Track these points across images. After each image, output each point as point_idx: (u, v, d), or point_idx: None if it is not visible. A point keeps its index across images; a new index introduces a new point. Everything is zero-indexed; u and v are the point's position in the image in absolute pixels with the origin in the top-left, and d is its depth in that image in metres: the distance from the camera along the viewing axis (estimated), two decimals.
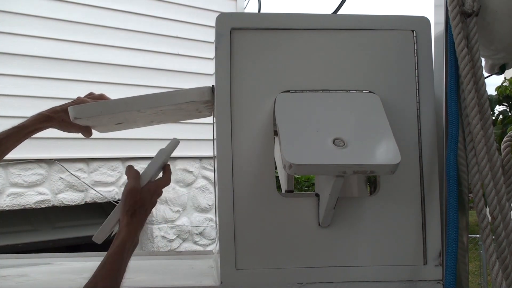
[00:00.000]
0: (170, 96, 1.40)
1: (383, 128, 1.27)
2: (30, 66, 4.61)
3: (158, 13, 5.44)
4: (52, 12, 4.76)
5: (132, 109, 1.39)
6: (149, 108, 1.40)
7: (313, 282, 1.32)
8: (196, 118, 1.66)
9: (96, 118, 1.42)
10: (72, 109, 1.40)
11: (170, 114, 1.54)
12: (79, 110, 1.40)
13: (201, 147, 5.33)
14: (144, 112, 1.42)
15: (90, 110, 1.40)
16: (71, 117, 1.40)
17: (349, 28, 1.40)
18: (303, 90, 1.37)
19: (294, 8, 70.59)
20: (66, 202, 4.80)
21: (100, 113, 1.39)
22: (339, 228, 1.35)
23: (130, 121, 1.51)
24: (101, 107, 1.41)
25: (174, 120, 1.68)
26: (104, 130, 1.60)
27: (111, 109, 1.40)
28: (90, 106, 1.42)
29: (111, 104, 1.42)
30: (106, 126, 1.55)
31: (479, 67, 1.32)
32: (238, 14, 4.13)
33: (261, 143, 1.35)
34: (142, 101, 1.39)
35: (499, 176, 1.31)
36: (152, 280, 1.54)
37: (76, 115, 1.40)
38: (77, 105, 1.43)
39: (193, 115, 1.60)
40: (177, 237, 5.49)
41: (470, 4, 1.32)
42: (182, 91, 1.40)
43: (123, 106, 1.40)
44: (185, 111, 1.51)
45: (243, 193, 1.33)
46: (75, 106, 1.42)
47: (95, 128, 1.54)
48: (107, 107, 1.41)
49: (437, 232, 1.37)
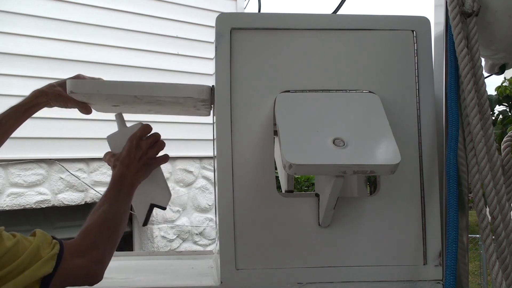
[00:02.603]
0: (168, 88, 1.39)
1: (383, 128, 1.27)
2: (30, 66, 4.60)
3: (158, 13, 5.44)
4: (52, 12, 4.76)
5: (128, 94, 1.39)
6: (145, 95, 1.39)
7: (313, 282, 1.32)
8: (193, 115, 1.66)
9: (92, 96, 1.42)
10: (70, 82, 1.41)
11: (168, 106, 1.53)
12: (76, 84, 1.40)
13: (201, 147, 5.33)
14: (141, 99, 1.41)
15: (87, 87, 1.40)
16: (68, 90, 1.40)
17: (349, 28, 1.40)
18: (303, 90, 1.37)
19: (294, 8, 70.57)
20: (66, 202, 4.80)
21: (97, 92, 1.39)
22: (339, 228, 1.35)
23: (127, 105, 1.51)
24: (98, 86, 1.41)
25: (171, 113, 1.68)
26: (102, 110, 1.60)
27: (108, 90, 1.40)
28: (87, 83, 1.43)
29: (109, 85, 1.42)
30: (102, 106, 1.54)
31: (479, 67, 1.32)
32: (238, 14, 4.13)
33: (261, 143, 1.35)
34: (139, 87, 1.39)
35: (499, 176, 1.31)
36: (152, 280, 1.54)
37: (72, 89, 1.40)
38: (75, 79, 1.43)
39: (190, 111, 1.60)
40: (177, 237, 5.49)
41: (470, 4, 1.32)
42: (181, 85, 1.40)
43: (120, 89, 1.40)
44: (182, 105, 1.51)
45: (243, 193, 1.33)
46: (73, 80, 1.42)
47: (92, 106, 1.53)
48: (104, 87, 1.41)
49: (437, 232, 1.37)
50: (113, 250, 1.21)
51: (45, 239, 1.08)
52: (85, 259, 1.12)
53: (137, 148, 1.36)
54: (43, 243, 1.06)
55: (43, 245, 1.06)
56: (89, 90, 1.40)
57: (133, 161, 1.34)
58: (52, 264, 1.05)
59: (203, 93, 1.38)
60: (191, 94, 1.38)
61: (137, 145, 1.37)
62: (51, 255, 1.05)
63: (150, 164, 1.39)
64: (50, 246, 1.07)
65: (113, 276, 1.49)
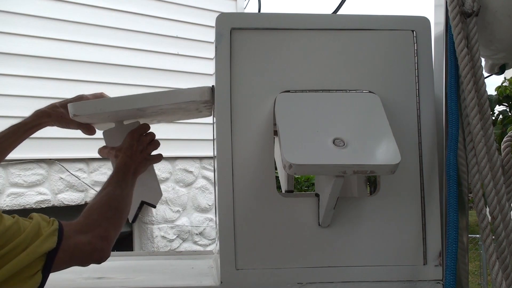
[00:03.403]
0: (170, 95, 1.40)
1: (383, 128, 1.27)
2: (30, 66, 4.61)
3: (158, 13, 5.44)
4: (52, 12, 4.76)
5: (131, 107, 1.39)
6: (148, 106, 1.39)
7: (313, 282, 1.32)
8: (196, 118, 1.66)
9: (95, 115, 1.41)
10: (71, 106, 1.40)
11: (170, 113, 1.54)
12: (78, 107, 1.40)
13: (201, 147, 5.34)
14: (144, 111, 1.42)
15: (90, 107, 1.40)
16: (70, 114, 1.40)
17: (349, 28, 1.40)
18: (303, 90, 1.37)
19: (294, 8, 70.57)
20: (66, 202, 4.81)
21: (100, 111, 1.39)
22: (339, 228, 1.35)
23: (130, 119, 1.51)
24: (100, 104, 1.40)
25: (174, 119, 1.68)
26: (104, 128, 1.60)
27: (111, 107, 1.40)
28: (89, 103, 1.41)
29: (111, 102, 1.41)
30: (106, 123, 1.54)
31: (479, 67, 1.32)
32: (238, 14, 4.13)
33: (261, 143, 1.35)
34: (141, 99, 1.39)
35: (499, 176, 1.31)
36: (152, 280, 1.54)
37: (75, 112, 1.39)
38: (76, 102, 1.42)
39: (193, 114, 1.60)
40: (177, 237, 5.49)
41: (470, 4, 1.32)
42: (182, 90, 1.39)
43: (122, 104, 1.39)
44: (185, 110, 1.51)
45: (243, 193, 1.33)
46: (74, 103, 1.41)
47: (95, 125, 1.53)
48: (106, 105, 1.40)
49: (437, 232, 1.37)
50: (117, 229, 1.22)
51: (43, 218, 1.10)
52: (88, 236, 1.14)
53: (138, 141, 1.42)
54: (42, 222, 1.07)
55: (42, 224, 1.07)
56: (92, 110, 1.39)
57: (136, 153, 1.40)
58: (54, 240, 1.06)
59: (204, 95, 1.37)
60: (194, 97, 1.38)
61: (139, 139, 1.42)
62: (52, 230, 1.06)
63: (148, 160, 1.44)
64: (49, 224, 1.08)
65: (113, 276, 1.49)
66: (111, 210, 1.22)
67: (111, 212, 1.22)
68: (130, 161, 1.37)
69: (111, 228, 1.20)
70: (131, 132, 1.43)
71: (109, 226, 1.19)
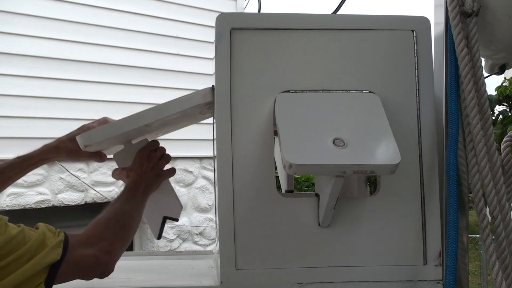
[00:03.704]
0: (174, 105, 1.38)
1: (383, 128, 1.27)
2: (30, 66, 4.60)
3: (158, 13, 5.44)
4: (52, 12, 4.76)
5: (139, 125, 1.37)
6: (155, 120, 1.37)
7: (313, 282, 1.32)
8: (200, 121, 1.64)
9: (105, 141, 1.40)
10: (80, 137, 1.38)
11: (176, 122, 1.52)
12: (87, 137, 1.38)
13: (201, 147, 5.33)
14: (151, 126, 1.40)
15: (98, 135, 1.38)
16: (81, 145, 1.39)
17: (349, 28, 1.40)
18: (303, 90, 1.37)
19: (294, 8, 70.55)
20: (66, 202, 4.80)
21: (109, 135, 1.37)
22: (339, 228, 1.34)
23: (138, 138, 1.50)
24: (108, 130, 1.39)
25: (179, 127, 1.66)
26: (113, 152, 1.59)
27: (119, 130, 1.38)
28: (97, 131, 1.39)
29: (118, 125, 1.39)
30: (115, 147, 1.53)
31: (479, 67, 1.32)
32: (238, 14, 4.13)
33: (261, 143, 1.35)
34: (147, 115, 1.37)
35: (499, 176, 1.31)
36: (152, 280, 1.54)
37: (85, 143, 1.38)
38: (84, 132, 1.41)
39: (196, 118, 1.59)
40: (177, 237, 5.49)
41: (470, 4, 1.32)
42: (184, 97, 1.38)
43: (129, 124, 1.37)
44: (189, 116, 1.50)
45: (243, 193, 1.33)
46: (82, 134, 1.39)
47: (104, 151, 1.52)
48: (114, 129, 1.39)
49: (437, 232, 1.37)
50: (123, 244, 1.21)
51: (49, 228, 1.09)
52: (93, 249, 1.13)
53: (148, 159, 1.41)
54: (47, 232, 1.07)
55: (48, 234, 1.06)
56: (101, 137, 1.38)
57: (146, 170, 1.39)
58: (59, 251, 1.05)
59: (207, 96, 1.37)
60: (198, 101, 1.37)
61: (148, 156, 1.41)
62: (57, 242, 1.06)
63: (160, 175, 1.43)
64: (55, 235, 1.08)
65: (113, 276, 1.48)
66: (118, 225, 1.21)
67: (118, 226, 1.21)
68: (141, 179, 1.37)
69: (117, 242, 1.19)
70: (140, 150, 1.43)
71: (114, 241, 1.18)
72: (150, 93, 5.24)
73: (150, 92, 5.24)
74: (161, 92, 5.30)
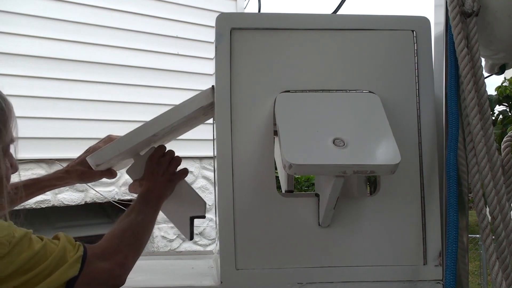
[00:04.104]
0: (178, 110, 1.38)
1: (383, 128, 1.27)
2: (30, 66, 4.60)
3: (158, 13, 5.44)
4: (52, 12, 4.76)
5: (147, 136, 1.37)
6: (162, 128, 1.37)
7: (313, 282, 1.32)
8: (203, 122, 1.64)
9: (115, 158, 1.40)
10: (91, 158, 1.39)
11: (180, 127, 1.52)
12: (97, 156, 1.39)
13: (201, 147, 5.33)
14: (158, 134, 1.40)
15: (108, 153, 1.39)
16: (93, 165, 1.40)
17: (349, 28, 1.40)
18: (303, 90, 1.37)
19: (294, 8, 70.50)
20: (66, 202, 4.80)
21: (118, 151, 1.37)
22: (339, 228, 1.35)
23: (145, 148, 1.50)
24: (117, 146, 1.38)
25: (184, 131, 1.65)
26: (123, 166, 1.59)
27: (128, 144, 1.38)
28: (106, 150, 1.40)
29: (126, 139, 1.39)
30: (124, 161, 1.53)
31: (479, 67, 1.32)
32: (238, 14, 4.13)
33: (261, 143, 1.35)
34: (153, 125, 1.37)
35: (499, 176, 1.31)
36: (152, 280, 1.54)
37: (96, 162, 1.39)
38: (94, 153, 1.41)
39: (200, 120, 1.58)
40: (177, 237, 5.49)
41: (470, 4, 1.32)
42: (187, 100, 1.38)
43: (137, 137, 1.37)
44: (193, 119, 1.49)
45: (243, 193, 1.33)
46: (92, 154, 1.40)
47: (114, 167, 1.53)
48: (123, 144, 1.38)
49: (437, 232, 1.37)
50: (136, 256, 1.23)
51: (69, 240, 1.10)
52: (108, 262, 1.14)
53: (158, 165, 1.42)
54: (68, 245, 1.08)
55: (68, 248, 1.08)
56: (111, 154, 1.38)
57: (157, 177, 1.40)
58: (77, 267, 1.07)
59: (209, 97, 1.37)
60: (201, 103, 1.37)
61: (158, 162, 1.42)
62: (77, 258, 1.07)
63: (173, 179, 1.44)
64: (75, 249, 1.09)
65: None
66: (133, 237, 1.23)
67: (132, 238, 1.23)
68: (153, 186, 1.38)
69: (131, 255, 1.21)
70: (149, 158, 1.43)
71: (129, 253, 1.20)
72: (150, 93, 5.24)
73: (150, 92, 5.24)
74: (161, 92, 5.30)
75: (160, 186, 1.39)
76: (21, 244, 1.00)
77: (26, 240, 1.02)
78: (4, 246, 0.98)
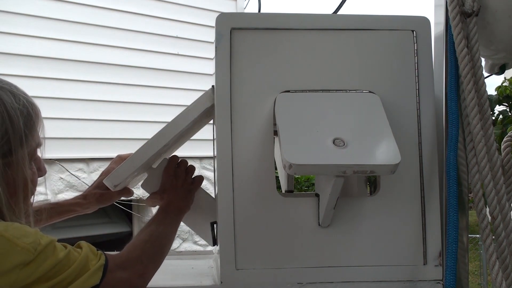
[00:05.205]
0: (185, 116, 1.37)
1: (383, 128, 1.27)
2: (30, 66, 4.60)
3: (158, 13, 5.44)
4: (52, 12, 4.76)
5: (159, 147, 1.36)
6: (173, 137, 1.37)
7: (313, 282, 1.32)
8: (207, 123, 1.63)
9: (131, 175, 1.40)
10: (108, 180, 1.39)
11: (188, 132, 1.51)
12: (114, 177, 1.38)
13: (201, 147, 5.33)
14: (168, 144, 1.40)
15: (124, 172, 1.38)
16: (111, 186, 1.39)
17: (349, 28, 1.40)
18: (303, 90, 1.37)
19: (294, 8, 70.56)
20: None
21: (134, 168, 1.37)
22: (339, 228, 1.35)
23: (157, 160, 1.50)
24: (132, 162, 1.37)
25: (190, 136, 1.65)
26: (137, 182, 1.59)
27: (142, 159, 1.37)
28: (121, 169, 1.39)
29: (139, 155, 1.38)
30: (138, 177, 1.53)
31: (479, 67, 1.32)
32: (238, 14, 4.13)
33: (261, 143, 1.35)
34: (163, 135, 1.37)
35: (499, 176, 1.31)
36: (152, 280, 1.54)
37: (114, 183, 1.38)
38: (110, 174, 1.40)
39: (204, 122, 1.57)
40: (177, 237, 5.49)
41: (470, 4, 1.32)
42: (191, 105, 1.38)
43: (149, 150, 1.36)
44: (198, 122, 1.49)
45: (243, 193, 1.33)
46: (108, 176, 1.40)
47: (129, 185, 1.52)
48: (137, 160, 1.37)
49: (437, 232, 1.37)
50: (156, 267, 1.24)
51: (91, 249, 1.11)
52: (128, 272, 1.15)
53: (175, 177, 1.42)
54: (90, 254, 1.09)
55: (90, 257, 1.09)
56: (127, 173, 1.37)
57: (177, 189, 1.40)
58: (99, 275, 1.08)
59: (211, 97, 1.37)
60: (206, 105, 1.37)
61: (175, 174, 1.43)
62: (98, 266, 1.08)
63: (192, 189, 1.45)
64: (97, 258, 1.10)
65: None
66: (154, 247, 1.24)
67: (153, 248, 1.24)
68: (173, 198, 1.38)
69: (151, 266, 1.22)
70: (165, 170, 1.43)
71: (149, 264, 1.21)
72: (150, 93, 5.24)
73: (150, 92, 5.25)
74: (161, 92, 5.30)
75: (180, 199, 1.40)
76: (46, 252, 1.01)
77: (51, 247, 1.03)
78: (30, 253, 0.99)
